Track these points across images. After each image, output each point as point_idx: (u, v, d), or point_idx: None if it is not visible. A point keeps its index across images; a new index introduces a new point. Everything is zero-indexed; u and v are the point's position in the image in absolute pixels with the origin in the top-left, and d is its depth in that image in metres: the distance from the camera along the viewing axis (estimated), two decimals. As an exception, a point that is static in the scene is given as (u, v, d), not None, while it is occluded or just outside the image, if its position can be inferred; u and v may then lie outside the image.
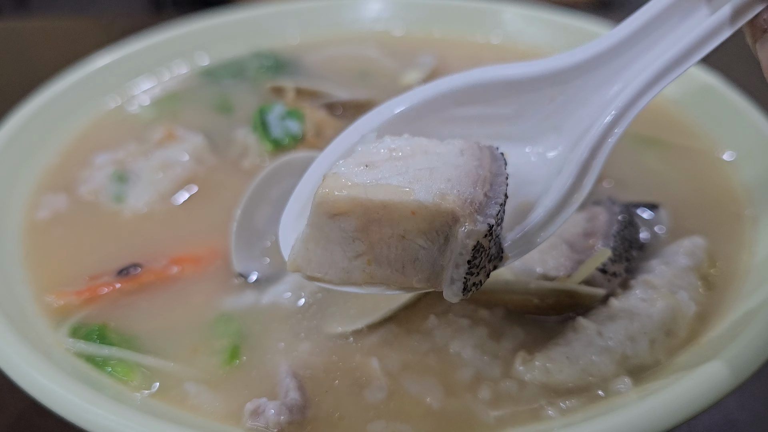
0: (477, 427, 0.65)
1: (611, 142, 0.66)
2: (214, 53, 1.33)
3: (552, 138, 0.71)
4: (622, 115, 0.66)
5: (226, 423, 0.66)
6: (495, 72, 0.70)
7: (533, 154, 0.71)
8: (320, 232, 0.57)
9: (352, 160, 0.60)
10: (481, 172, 0.60)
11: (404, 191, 0.56)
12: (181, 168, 1.00)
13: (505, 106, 0.70)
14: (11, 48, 1.87)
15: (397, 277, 0.59)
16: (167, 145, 1.04)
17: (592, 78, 0.70)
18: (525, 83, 0.70)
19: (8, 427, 0.84)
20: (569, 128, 0.71)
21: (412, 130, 0.67)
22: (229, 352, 0.72)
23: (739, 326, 0.69)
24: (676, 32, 0.67)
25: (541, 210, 0.63)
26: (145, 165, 1.00)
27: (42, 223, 0.93)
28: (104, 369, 0.70)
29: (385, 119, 0.69)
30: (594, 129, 0.66)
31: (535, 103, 0.71)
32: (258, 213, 0.82)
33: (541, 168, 0.69)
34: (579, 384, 0.67)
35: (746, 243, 0.85)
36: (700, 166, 1.01)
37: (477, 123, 0.71)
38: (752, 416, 0.86)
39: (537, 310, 0.74)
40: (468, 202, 0.56)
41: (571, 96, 0.70)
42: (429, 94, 0.70)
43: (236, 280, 0.80)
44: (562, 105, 0.71)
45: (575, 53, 0.70)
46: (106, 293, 0.79)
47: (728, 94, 1.06)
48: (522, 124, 0.70)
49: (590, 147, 0.66)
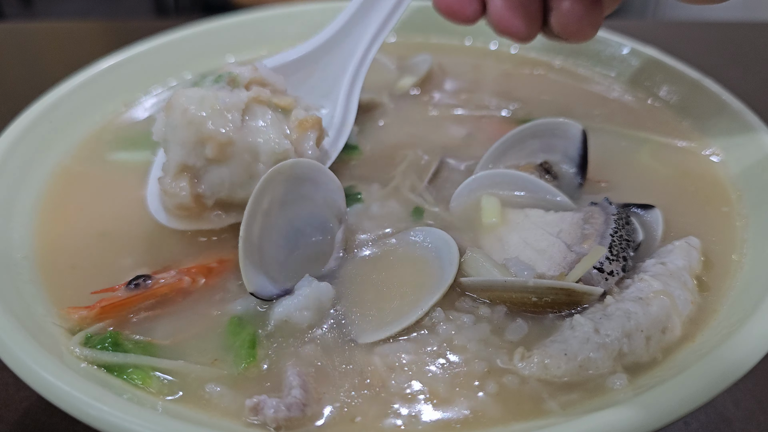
0: (482, 421, 0.66)
1: (359, 86, 1.05)
2: (217, 57, 1.34)
3: (321, 100, 1.05)
4: (360, 68, 1.05)
5: (227, 418, 0.67)
6: (276, 61, 1.04)
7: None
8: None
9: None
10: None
11: None
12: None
13: (291, 83, 0.99)
14: (17, 50, 1.88)
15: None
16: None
17: (333, 53, 1.06)
18: (291, 65, 1.04)
19: (15, 423, 0.85)
20: (328, 91, 1.06)
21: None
22: (243, 354, 0.73)
23: (733, 324, 0.70)
24: (379, 7, 1.05)
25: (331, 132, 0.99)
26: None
27: (52, 233, 0.92)
28: (121, 376, 0.70)
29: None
30: (344, 80, 1.04)
31: (303, 78, 1.05)
32: (256, 225, 0.83)
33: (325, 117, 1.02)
34: (576, 379, 0.69)
35: (738, 242, 0.86)
36: (692, 166, 1.03)
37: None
38: (746, 414, 0.87)
39: (535, 307, 0.75)
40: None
41: (324, 69, 1.06)
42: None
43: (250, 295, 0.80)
44: (318, 76, 1.06)
45: (313, 41, 1.06)
46: (118, 306, 0.79)
47: (719, 94, 1.07)
48: (301, 92, 1.00)
49: (345, 91, 1.04)
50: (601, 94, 1.25)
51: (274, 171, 0.83)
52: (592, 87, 1.26)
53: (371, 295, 0.79)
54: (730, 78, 1.13)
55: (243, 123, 0.83)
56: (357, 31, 1.06)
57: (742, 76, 1.19)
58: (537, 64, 1.35)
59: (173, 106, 0.82)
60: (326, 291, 0.78)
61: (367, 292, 0.80)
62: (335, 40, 1.06)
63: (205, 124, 0.80)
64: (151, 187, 0.94)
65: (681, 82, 1.15)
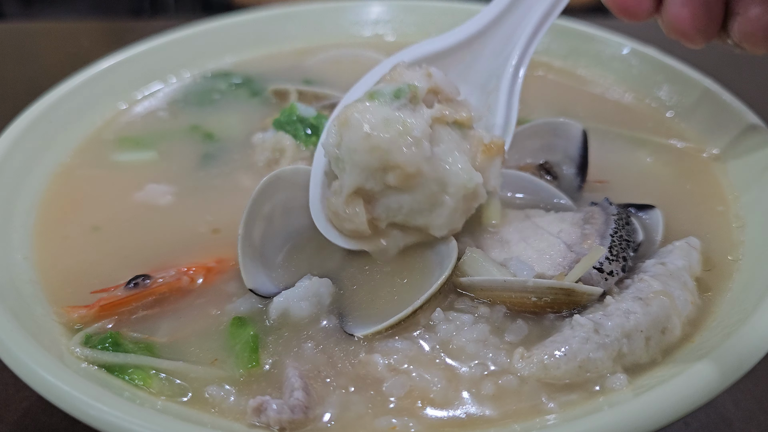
0: (481, 421, 0.66)
1: (520, 82, 0.93)
2: (217, 57, 1.34)
3: (469, 91, 0.93)
4: (521, 61, 0.93)
5: (229, 419, 0.67)
6: (424, 48, 0.93)
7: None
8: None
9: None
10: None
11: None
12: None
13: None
14: (16, 50, 1.88)
15: None
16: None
17: (489, 39, 0.95)
18: (444, 52, 0.94)
19: (14, 423, 0.85)
20: (481, 81, 0.96)
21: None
22: (245, 357, 0.73)
23: (733, 325, 0.70)
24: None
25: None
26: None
27: (51, 232, 0.92)
28: (121, 377, 0.70)
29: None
30: (504, 77, 0.92)
31: (452, 64, 0.94)
32: (257, 227, 0.83)
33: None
34: (576, 380, 0.69)
35: (737, 243, 0.86)
36: (692, 166, 1.03)
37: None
38: (746, 414, 0.87)
39: (535, 307, 0.75)
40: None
41: (478, 55, 0.95)
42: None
43: (249, 293, 0.80)
44: (471, 64, 0.95)
45: (470, 25, 0.95)
46: (118, 306, 0.79)
47: (719, 94, 1.07)
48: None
49: (506, 91, 0.91)
50: (601, 94, 1.25)
51: (274, 176, 0.83)
52: (592, 87, 1.26)
53: (370, 291, 0.79)
54: (730, 78, 1.13)
55: (432, 150, 0.74)
56: (520, 12, 0.94)
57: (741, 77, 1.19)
58: (537, 64, 1.35)
59: (351, 125, 0.73)
60: (325, 284, 0.78)
61: (367, 289, 0.80)
62: (495, 23, 0.95)
63: (391, 152, 0.72)
64: (314, 198, 0.84)
65: (681, 83, 1.15)
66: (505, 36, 0.94)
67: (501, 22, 0.94)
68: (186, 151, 1.10)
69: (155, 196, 0.99)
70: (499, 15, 0.94)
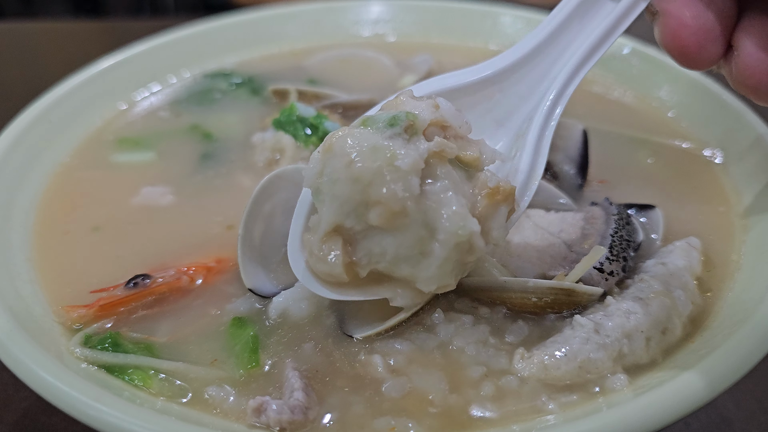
0: (481, 422, 0.66)
1: (553, 126, 0.78)
2: (217, 57, 1.34)
3: (494, 131, 0.82)
4: (557, 101, 0.79)
5: (229, 419, 0.67)
6: (446, 81, 0.81)
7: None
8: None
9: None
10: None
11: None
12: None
13: (461, 105, 0.77)
14: (16, 50, 1.88)
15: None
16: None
17: (523, 75, 0.81)
18: (466, 88, 0.81)
19: (14, 424, 0.85)
20: (511, 121, 0.82)
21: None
22: (245, 357, 0.72)
23: (733, 325, 0.70)
24: (589, 25, 0.80)
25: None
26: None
27: (51, 232, 0.92)
28: (121, 377, 0.70)
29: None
30: (536, 118, 0.78)
31: (476, 102, 0.81)
32: (257, 227, 0.83)
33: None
34: (576, 381, 0.69)
35: (738, 243, 0.86)
36: (692, 166, 1.03)
37: None
38: (747, 414, 0.87)
39: (535, 308, 0.75)
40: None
41: (507, 92, 0.82)
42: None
43: (248, 293, 0.80)
44: (500, 101, 0.82)
45: (505, 56, 0.81)
46: (117, 305, 0.79)
47: (720, 94, 1.07)
48: (471, 117, 0.75)
49: (536, 134, 0.77)
50: (602, 94, 1.24)
51: (274, 176, 0.83)
52: (593, 87, 1.26)
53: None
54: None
55: (422, 188, 0.64)
56: (560, 46, 0.81)
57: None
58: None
59: (335, 152, 0.65)
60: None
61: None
62: (532, 56, 0.81)
63: (374, 185, 0.63)
64: (293, 240, 0.75)
65: (681, 82, 1.15)
66: (542, 71, 0.81)
67: (539, 55, 0.81)
68: (186, 151, 1.10)
69: (154, 196, 0.99)
70: (539, 47, 0.80)
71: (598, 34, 0.78)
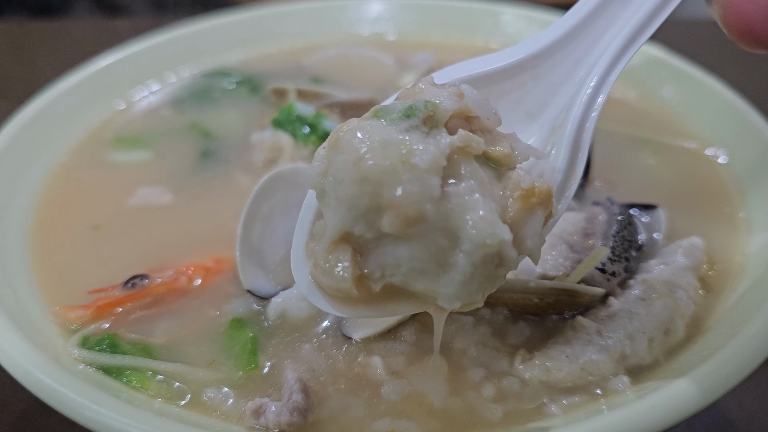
0: (482, 424, 0.65)
1: (594, 117, 0.69)
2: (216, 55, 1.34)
3: (527, 124, 0.72)
4: (599, 89, 0.69)
5: (228, 422, 0.66)
6: (468, 67, 0.70)
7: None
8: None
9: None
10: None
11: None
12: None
13: (490, 93, 0.69)
14: (14, 48, 1.88)
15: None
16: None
17: (559, 60, 0.71)
18: (494, 75, 0.70)
19: (11, 425, 0.84)
20: (546, 112, 0.72)
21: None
22: (244, 359, 0.72)
23: (736, 326, 0.69)
24: (630, 6, 0.69)
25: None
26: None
27: (48, 233, 0.92)
28: (119, 378, 0.70)
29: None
30: (575, 108, 0.68)
31: (506, 91, 0.71)
32: (255, 227, 0.82)
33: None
34: (578, 382, 0.68)
35: (741, 243, 0.86)
36: (695, 166, 1.02)
37: None
38: (749, 415, 0.86)
39: (537, 309, 0.75)
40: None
41: (541, 80, 0.71)
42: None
43: (247, 294, 0.79)
44: (533, 90, 0.72)
45: (538, 39, 0.71)
46: (115, 306, 0.79)
47: (722, 94, 1.06)
48: (501, 107, 0.67)
49: (575, 126, 0.68)
50: (604, 92, 1.24)
51: (273, 176, 0.82)
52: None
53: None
54: (734, 77, 1.12)
55: (443, 189, 0.54)
56: (602, 25, 0.70)
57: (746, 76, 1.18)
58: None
59: (341, 147, 0.55)
60: None
61: None
62: (569, 38, 0.71)
63: (386, 186, 0.53)
64: (297, 249, 0.67)
65: (685, 81, 1.14)
66: (581, 54, 0.71)
67: (578, 37, 0.71)
68: (184, 150, 1.09)
69: (153, 195, 0.99)
70: (577, 27, 0.70)
71: (648, 8, 0.67)
